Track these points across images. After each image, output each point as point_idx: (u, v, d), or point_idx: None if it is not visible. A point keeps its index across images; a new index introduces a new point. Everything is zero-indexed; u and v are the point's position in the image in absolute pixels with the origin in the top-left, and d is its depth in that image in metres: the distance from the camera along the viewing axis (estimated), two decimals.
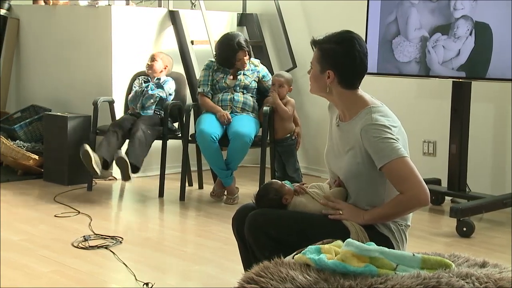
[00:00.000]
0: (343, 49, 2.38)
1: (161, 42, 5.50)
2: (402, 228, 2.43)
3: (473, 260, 2.13)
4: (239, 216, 2.51)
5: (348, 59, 2.37)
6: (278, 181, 2.55)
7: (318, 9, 5.53)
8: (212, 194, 4.73)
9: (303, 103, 5.75)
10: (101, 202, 4.58)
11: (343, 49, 2.38)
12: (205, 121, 4.59)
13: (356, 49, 2.37)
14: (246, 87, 4.73)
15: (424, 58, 4.31)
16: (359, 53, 2.37)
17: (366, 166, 2.35)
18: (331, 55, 2.38)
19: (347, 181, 2.43)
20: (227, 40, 4.73)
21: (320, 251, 2.02)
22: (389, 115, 2.38)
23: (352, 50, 2.37)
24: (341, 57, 2.38)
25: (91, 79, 5.45)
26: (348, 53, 2.37)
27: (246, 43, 4.75)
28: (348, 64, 2.38)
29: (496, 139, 4.64)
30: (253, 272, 1.98)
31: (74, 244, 3.57)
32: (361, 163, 2.36)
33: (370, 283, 1.86)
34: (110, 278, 3.14)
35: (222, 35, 4.85)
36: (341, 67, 2.38)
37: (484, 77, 4.12)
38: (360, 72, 2.41)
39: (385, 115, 2.36)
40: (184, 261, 3.42)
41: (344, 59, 2.38)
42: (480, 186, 4.54)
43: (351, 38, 2.39)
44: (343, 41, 2.38)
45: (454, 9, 4.18)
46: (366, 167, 2.35)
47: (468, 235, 3.89)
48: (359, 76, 2.41)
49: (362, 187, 2.39)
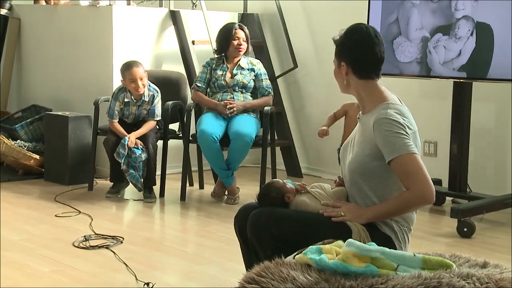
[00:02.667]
0: (352, 38, 2.41)
1: (162, 42, 5.51)
2: (405, 229, 2.42)
3: (474, 261, 2.13)
4: (241, 215, 2.52)
5: (357, 48, 2.41)
6: (279, 180, 2.56)
7: (319, 9, 5.53)
8: (213, 194, 4.73)
9: (304, 104, 5.75)
10: (102, 202, 4.57)
11: (352, 39, 2.41)
12: (206, 121, 4.59)
13: (364, 38, 2.39)
14: (245, 86, 4.74)
15: (425, 58, 4.31)
16: (368, 41, 2.39)
17: (373, 159, 2.35)
18: (342, 47, 2.44)
19: (351, 172, 2.42)
20: (226, 24, 4.88)
21: (321, 251, 2.02)
22: (407, 116, 2.37)
23: (361, 39, 2.40)
24: (351, 47, 2.42)
25: (92, 79, 5.45)
26: (356, 42, 2.41)
27: (245, 28, 4.80)
28: (358, 52, 2.41)
29: (496, 139, 4.64)
30: (254, 272, 1.98)
31: (74, 244, 3.57)
32: (369, 155, 2.36)
33: (371, 284, 1.85)
34: (110, 278, 3.14)
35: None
36: (352, 57, 2.42)
37: (485, 78, 4.12)
38: (373, 61, 2.41)
39: (402, 114, 2.36)
40: (185, 261, 3.42)
41: (354, 48, 2.41)
42: (481, 186, 4.54)
43: (359, 28, 2.42)
44: (352, 31, 2.43)
45: (455, 10, 4.18)
46: (373, 160, 2.35)
47: (469, 235, 3.88)
48: (372, 65, 2.41)
49: (366, 180, 2.38)
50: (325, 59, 5.45)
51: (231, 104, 4.60)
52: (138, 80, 4.55)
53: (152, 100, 4.66)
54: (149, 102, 4.66)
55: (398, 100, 2.45)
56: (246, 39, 4.77)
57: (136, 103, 4.66)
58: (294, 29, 5.64)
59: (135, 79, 4.55)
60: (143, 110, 4.69)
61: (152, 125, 4.66)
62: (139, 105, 4.67)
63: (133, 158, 4.46)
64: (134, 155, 4.46)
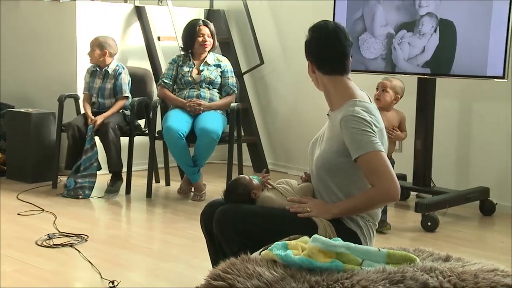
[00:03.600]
0: (313, 36, 2.44)
1: (127, 38, 5.45)
2: (370, 224, 2.45)
3: (437, 254, 2.16)
4: (207, 212, 2.51)
5: (318, 45, 2.43)
6: (246, 177, 2.56)
7: (285, 5, 5.54)
8: (179, 191, 4.71)
9: (270, 100, 5.75)
10: (66, 199, 4.51)
11: (313, 36, 2.44)
12: (172, 117, 4.57)
13: (325, 34, 2.41)
14: (212, 82, 4.72)
15: (390, 54, 4.35)
16: (328, 38, 2.41)
17: (340, 155, 2.36)
18: (306, 45, 2.47)
19: (318, 168, 2.43)
20: (191, 20, 4.85)
21: (287, 247, 2.03)
22: (374, 114, 2.38)
23: (320, 35, 2.42)
24: (312, 44, 2.45)
25: (56, 75, 5.38)
26: (317, 39, 2.43)
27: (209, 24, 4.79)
28: (319, 49, 2.43)
29: (460, 135, 4.71)
30: (220, 269, 1.98)
31: (38, 242, 3.51)
32: (336, 151, 2.37)
33: (336, 278, 1.87)
34: (75, 277, 3.10)
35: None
36: (313, 52, 2.45)
37: (448, 74, 4.18)
38: (334, 57, 2.42)
39: (369, 111, 2.37)
40: (151, 259, 3.39)
41: (315, 45, 2.44)
42: (445, 181, 4.61)
43: (320, 25, 2.45)
44: (313, 29, 2.45)
45: (419, 7, 4.23)
46: (340, 156, 2.36)
47: (433, 229, 3.94)
48: (335, 60, 2.42)
49: (332, 176, 2.40)
50: (292, 56, 5.47)
51: (198, 106, 4.58)
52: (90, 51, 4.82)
53: (117, 76, 4.76)
54: (114, 76, 4.76)
55: (368, 97, 2.46)
56: (211, 35, 4.75)
57: (101, 73, 4.79)
58: (260, 25, 5.64)
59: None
60: (107, 84, 4.76)
61: (121, 104, 4.73)
62: (103, 76, 4.79)
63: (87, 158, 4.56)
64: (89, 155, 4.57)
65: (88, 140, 4.58)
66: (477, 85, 4.48)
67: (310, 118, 5.39)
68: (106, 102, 4.79)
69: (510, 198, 4.43)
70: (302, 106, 5.53)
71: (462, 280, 1.87)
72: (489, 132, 4.53)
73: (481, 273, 1.93)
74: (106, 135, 4.56)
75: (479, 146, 4.59)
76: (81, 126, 4.65)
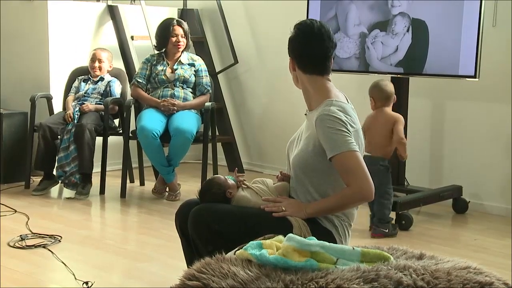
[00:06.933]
0: (296, 33, 2.45)
1: (100, 37, 5.41)
2: (345, 224, 2.46)
3: (411, 253, 2.18)
4: (182, 212, 2.50)
5: (300, 41, 2.44)
6: (221, 176, 2.56)
7: (259, 4, 5.54)
8: (154, 190, 4.69)
9: (245, 99, 5.75)
10: (39, 200, 4.47)
11: (297, 33, 2.45)
12: (146, 117, 4.54)
13: (308, 31, 2.42)
14: (186, 81, 4.71)
15: (364, 54, 4.38)
16: (311, 36, 2.41)
17: (316, 155, 2.37)
18: (290, 41, 2.48)
19: (294, 168, 2.44)
20: (164, 20, 4.83)
21: (262, 247, 2.03)
22: (350, 114, 2.39)
23: (304, 32, 2.43)
24: (293, 42, 2.46)
25: (28, 74, 5.32)
26: (299, 36, 2.44)
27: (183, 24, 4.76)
28: (301, 45, 2.44)
29: (433, 133, 4.75)
30: (195, 269, 1.97)
31: (10, 244, 3.47)
32: (312, 151, 2.38)
33: (311, 277, 1.87)
34: (48, 278, 3.07)
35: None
36: (294, 51, 2.46)
37: (421, 73, 4.22)
38: (315, 56, 2.43)
39: (345, 111, 2.38)
40: (126, 259, 3.37)
41: (295, 42, 2.45)
42: (418, 180, 4.65)
43: (305, 23, 2.45)
44: (298, 26, 2.46)
45: (392, 6, 4.26)
46: (316, 156, 2.37)
47: (407, 228, 3.97)
48: (315, 60, 2.43)
49: (308, 175, 2.41)
50: (266, 55, 5.47)
51: (172, 106, 4.56)
52: (96, 61, 4.85)
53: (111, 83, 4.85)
54: (107, 83, 4.85)
55: (345, 98, 2.47)
56: (185, 35, 4.74)
57: (94, 81, 4.87)
58: (234, 25, 5.64)
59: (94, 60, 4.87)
60: (97, 88, 4.82)
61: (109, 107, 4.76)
62: (95, 82, 4.85)
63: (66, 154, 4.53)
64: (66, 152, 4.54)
65: (65, 140, 4.55)
66: (450, 84, 4.53)
67: (285, 117, 5.41)
68: (89, 100, 4.77)
69: (482, 196, 4.49)
70: (276, 105, 5.53)
71: (435, 278, 1.89)
72: (462, 131, 4.59)
73: (454, 270, 1.95)
74: (82, 135, 4.51)
75: (452, 145, 4.65)
76: (53, 127, 4.60)
